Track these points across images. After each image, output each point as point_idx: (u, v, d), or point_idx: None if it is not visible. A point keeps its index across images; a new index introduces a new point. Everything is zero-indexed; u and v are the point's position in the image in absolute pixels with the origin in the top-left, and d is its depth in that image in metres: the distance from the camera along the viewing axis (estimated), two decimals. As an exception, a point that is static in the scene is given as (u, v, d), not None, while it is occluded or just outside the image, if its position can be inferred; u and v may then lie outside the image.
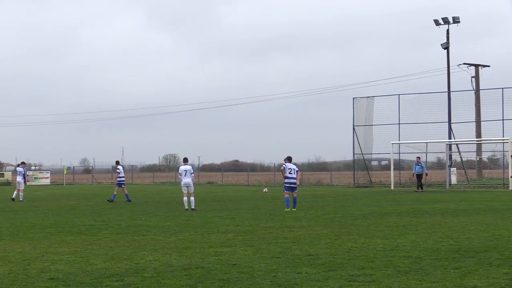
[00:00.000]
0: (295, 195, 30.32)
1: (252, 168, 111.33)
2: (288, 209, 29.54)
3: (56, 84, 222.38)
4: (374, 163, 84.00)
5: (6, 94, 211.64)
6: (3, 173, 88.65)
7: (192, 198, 30.73)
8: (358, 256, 15.10)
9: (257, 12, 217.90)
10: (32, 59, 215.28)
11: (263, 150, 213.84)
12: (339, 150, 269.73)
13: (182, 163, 32.38)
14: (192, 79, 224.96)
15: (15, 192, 41.44)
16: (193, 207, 30.56)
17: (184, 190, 30.84)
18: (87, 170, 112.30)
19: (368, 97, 63.56)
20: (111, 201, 37.69)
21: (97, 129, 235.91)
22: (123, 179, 39.36)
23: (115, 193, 38.69)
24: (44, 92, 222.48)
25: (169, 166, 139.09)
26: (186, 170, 31.19)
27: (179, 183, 31.47)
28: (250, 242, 17.94)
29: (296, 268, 13.47)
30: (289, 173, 30.23)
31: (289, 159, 31.15)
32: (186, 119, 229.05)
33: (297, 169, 30.88)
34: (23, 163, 44.90)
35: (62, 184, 79.96)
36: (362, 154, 63.25)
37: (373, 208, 31.15)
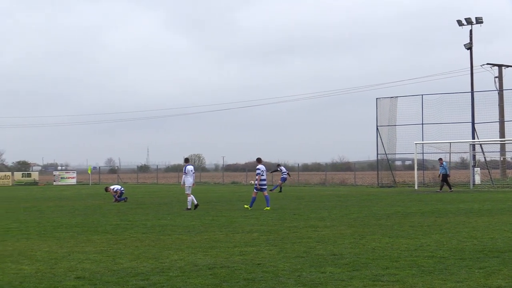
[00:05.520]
0: (266, 194, 31.36)
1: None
2: (250, 208, 30.73)
3: (82, 86, 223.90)
4: (398, 163, 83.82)
5: (32, 96, 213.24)
6: (30, 173, 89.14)
7: (189, 198, 31.22)
8: (382, 256, 15.12)
9: (273, 15, 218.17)
10: (57, 61, 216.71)
11: (286, 150, 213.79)
12: (363, 150, 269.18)
13: (185, 163, 32.38)
14: (213, 80, 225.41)
15: None
16: (196, 202, 31.16)
17: (189, 190, 31.10)
18: (113, 170, 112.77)
19: (391, 97, 63.36)
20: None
21: (123, 130, 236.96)
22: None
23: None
24: (69, 93, 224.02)
25: (193, 166, 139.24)
26: (192, 170, 31.62)
27: (183, 183, 31.45)
28: (275, 242, 18.00)
29: (321, 268, 13.51)
30: (262, 174, 31.33)
31: (259, 161, 32.26)
32: (210, 120, 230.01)
33: (266, 170, 32.10)
34: None
35: (88, 184, 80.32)
36: (386, 154, 63.05)
37: (397, 208, 31.11)
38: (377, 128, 63.04)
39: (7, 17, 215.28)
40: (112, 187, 40.21)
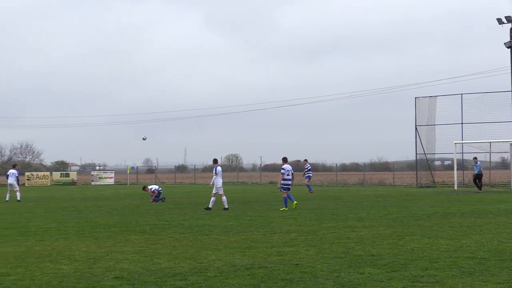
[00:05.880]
0: (289, 194, 31.25)
1: (314, 168, 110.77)
2: (287, 208, 30.40)
3: (120, 85, 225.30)
4: (437, 163, 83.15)
5: (71, 95, 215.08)
6: (68, 173, 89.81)
7: (224, 198, 31.41)
8: (421, 257, 14.98)
9: (312, 14, 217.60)
10: (96, 61, 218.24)
11: (324, 150, 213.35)
12: (401, 150, 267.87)
13: (215, 164, 32.27)
14: (251, 80, 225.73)
15: (7, 195, 42.30)
16: (226, 206, 31.16)
17: (221, 191, 31.23)
18: (151, 170, 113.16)
19: (430, 97, 62.87)
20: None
21: (161, 130, 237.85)
22: None
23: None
24: (107, 92, 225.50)
25: (231, 166, 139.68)
26: (221, 171, 31.77)
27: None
28: (313, 242, 17.92)
29: (359, 269, 13.42)
30: (287, 175, 31.15)
31: (285, 160, 32.02)
32: (248, 120, 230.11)
33: (292, 171, 31.82)
34: (15, 165, 47.17)
35: (126, 184, 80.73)
36: (425, 154, 62.60)
37: (436, 208, 30.86)
38: (416, 128, 62.62)
39: (49, 17, 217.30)
40: (150, 187, 40.38)
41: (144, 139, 47.88)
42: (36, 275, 13.18)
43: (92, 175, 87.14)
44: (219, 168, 31.60)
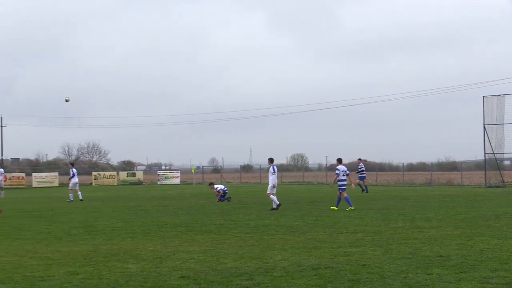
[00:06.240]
0: (345, 195, 31.20)
1: (380, 167, 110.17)
2: (353, 207, 30.54)
3: (185, 84, 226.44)
4: (507, 162, 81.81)
5: (137, 95, 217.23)
6: (134, 173, 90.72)
7: (273, 197, 31.38)
8: (491, 258, 14.71)
9: (374, 13, 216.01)
10: (161, 61, 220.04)
11: (390, 150, 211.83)
12: (469, 150, 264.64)
13: (271, 164, 32.15)
14: (315, 79, 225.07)
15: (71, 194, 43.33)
16: (274, 206, 31.08)
17: (272, 190, 31.21)
18: (216, 170, 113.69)
19: (498, 95, 61.87)
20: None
21: (226, 129, 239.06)
22: None
23: None
24: (172, 92, 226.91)
25: (297, 166, 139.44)
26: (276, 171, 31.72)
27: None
28: (379, 243, 17.75)
29: (427, 269, 13.23)
30: (342, 175, 31.18)
31: (339, 161, 31.98)
32: (312, 119, 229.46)
33: (348, 172, 31.76)
34: (73, 164, 47.79)
35: (192, 184, 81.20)
36: (494, 153, 61.63)
37: (506, 208, 30.33)
38: (484, 127, 61.67)
39: (113, 18, 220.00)
40: (215, 186, 40.52)
41: (66, 100, 46.75)
42: (104, 274, 13.30)
43: (158, 174, 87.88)
44: (275, 167, 31.63)
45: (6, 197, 50.06)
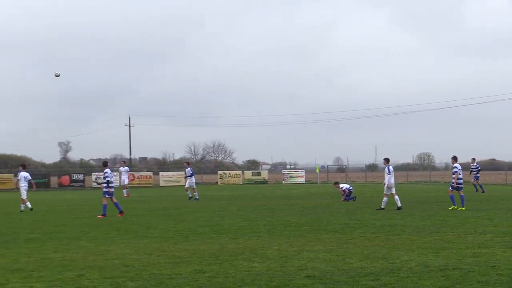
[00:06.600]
0: (462, 194, 30.64)
1: (510, 167, 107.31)
2: (456, 207, 30.15)
3: (309, 83, 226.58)
4: None
5: (263, 94, 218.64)
6: (259, 172, 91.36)
7: (397, 197, 31.24)
8: None
9: (499, 10, 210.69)
10: (284, 59, 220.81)
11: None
12: None
13: (387, 164, 31.85)
14: (439, 77, 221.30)
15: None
16: (399, 205, 30.90)
17: (391, 190, 31.15)
18: (341, 169, 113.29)
19: None
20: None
21: (351, 128, 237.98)
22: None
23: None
24: (296, 91, 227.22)
25: (423, 165, 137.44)
26: (393, 171, 31.77)
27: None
28: (510, 244, 17.30)
29: (561, 272, 12.79)
30: (459, 173, 30.77)
31: (455, 159, 31.35)
32: (438, 118, 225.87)
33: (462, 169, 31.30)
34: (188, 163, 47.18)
35: (316, 183, 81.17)
36: None
37: None
38: None
39: (240, 17, 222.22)
40: (341, 185, 40.40)
41: (57, 75, 45.37)
42: (230, 273, 13.42)
43: (283, 173, 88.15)
44: (391, 167, 31.26)
45: (134, 195, 51.22)
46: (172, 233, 21.48)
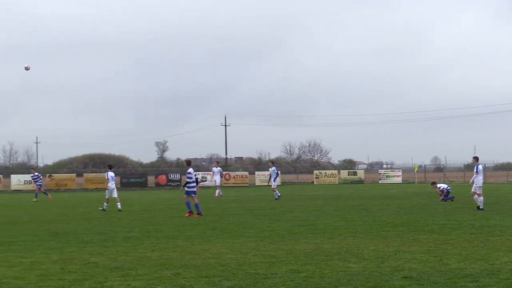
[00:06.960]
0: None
1: None
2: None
3: (404, 83, 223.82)
4: None
5: (356, 94, 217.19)
6: (356, 171, 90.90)
7: (481, 198, 30.48)
8: None
9: None
10: (380, 58, 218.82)
11: None
12: None
13: (477, 162, 30.91)
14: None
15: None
16: (481, 206, 30.24)
17: (480, 190, 30.49)
18: (439, 169, 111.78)
19: None
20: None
21: (448, 127, 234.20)
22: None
23: None
24: (393, 90, 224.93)
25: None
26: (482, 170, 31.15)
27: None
28: None
29: None
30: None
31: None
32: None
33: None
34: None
35: (414, 183, 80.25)
36: None
37: None
38: None
39: (334, 16, 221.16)
40: (438, 185, 39.89)
41: (27, 69, 43.78)
42: (325, 273, 13.36)
43: (380, 173, 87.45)
44: (480, 167, 30.66)
45: (230, 195, 51.58)
46: (268, 233, 21.53)
